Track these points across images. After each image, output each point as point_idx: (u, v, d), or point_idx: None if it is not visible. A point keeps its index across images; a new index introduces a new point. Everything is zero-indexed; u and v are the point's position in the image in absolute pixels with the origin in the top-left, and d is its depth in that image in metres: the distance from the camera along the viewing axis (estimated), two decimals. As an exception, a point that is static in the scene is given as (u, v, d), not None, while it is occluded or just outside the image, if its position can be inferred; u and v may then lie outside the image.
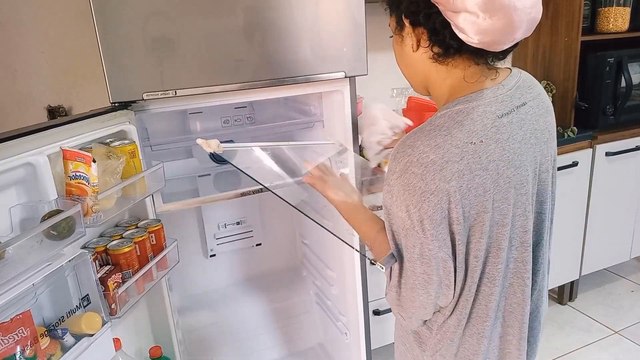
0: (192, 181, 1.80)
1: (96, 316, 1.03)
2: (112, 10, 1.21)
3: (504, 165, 0.81)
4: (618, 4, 2.28)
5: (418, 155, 0.77)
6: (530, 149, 0.86)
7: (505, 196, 0.82)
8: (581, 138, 2.26)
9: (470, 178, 0.77)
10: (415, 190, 0.77)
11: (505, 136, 0.81)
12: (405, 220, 0.80)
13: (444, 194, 0.76)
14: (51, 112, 1.86)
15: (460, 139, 0.78)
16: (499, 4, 0.73)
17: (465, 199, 0.78)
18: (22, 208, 0.99)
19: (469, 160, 0.77)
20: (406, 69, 0.92)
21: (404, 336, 1.00)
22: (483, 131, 0.79)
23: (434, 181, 0.76)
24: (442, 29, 0.79)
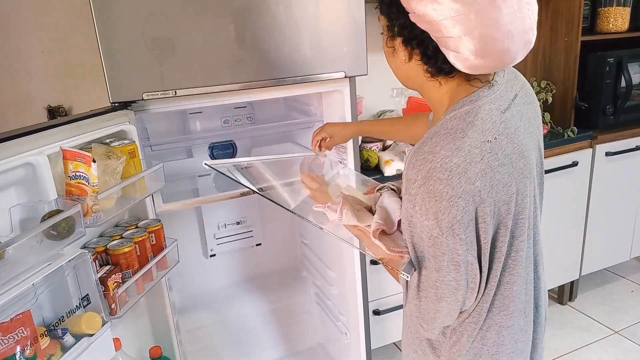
0: (192, 181, 1.80)
1: (96, 316, 1.03)
2: (112, 10, 1.21)
3: (517, 158, 0.82)
4: (618, 4, 2.28)
5: (441, 161, 0.76)
6: (531, 138, 0.87)
7: (522, 188, 0.83)
8: (581, 138, 2.26)
9: (492, 176, 0.78)
10: (442, 196, 0.76)
11: (512, 130, 0.82)
12: (433, 229, 0.78)
13: (470, 195, 0.76)
14: (51, 112, 1.86)
15: (477, 138, 0.78)
16: (491, 50, 0.75)
17: (490, 197, 0.78)
18: (22, 208, 0.99)
19: (489, 158, 0.78)
20: (397, 72, 0.92)
21: (416, 343, 0.98)
22: (494, 128, 0.80)
23: (460, 185, 0.76)
24: (435, 54, 0.80)
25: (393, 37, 0.86)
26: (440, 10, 0.74)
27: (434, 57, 0.81)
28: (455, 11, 0.73)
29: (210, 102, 1.40)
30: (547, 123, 2.32)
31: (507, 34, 0.75)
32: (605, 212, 2.44)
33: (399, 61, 0.87)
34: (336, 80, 1.50)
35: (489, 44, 0.75)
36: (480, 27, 0.73)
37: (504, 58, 0.78)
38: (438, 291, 0.82)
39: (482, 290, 0.86)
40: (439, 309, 0.84)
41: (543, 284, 0.99)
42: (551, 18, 2.35)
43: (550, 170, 2.17)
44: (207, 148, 1.85)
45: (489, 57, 0.76)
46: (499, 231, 0.83)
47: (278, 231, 2.17)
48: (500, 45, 0.75)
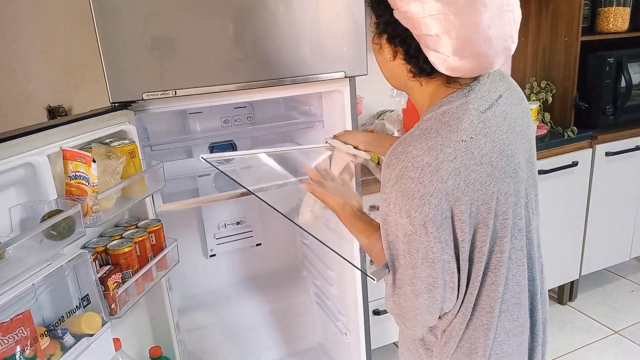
0: (192, 181, 1.80)
1: (96, 316, 1.03)
2: (112, 10, 1.21)
3: (497, 157, 0.82)
4: (618, 4, 2.28)
5: (412, 160, 0.78)
6: (518, 137, 0.87)
7: (503, 187, 0.83)
8: (581, 138, 2.26)
9: (466, 174, 0.78)
10: (414, 194, 0.77)
11: (492, 129, 0.82)
12: (407, 227, 0.79)
13: (443, 194, 0.77)
14: (51, 112, 1.86)
15: (451, 138, 0.79)
16: (469, 52, 0.76)
17: (466, 196, 0.78)
18: (22, 208, 0.99)
19: (463, 157, 0.78)
20: (383, 71, 0.94)
21: (409, 342, 0.99)
22: (471, 127, 0.80)
23: (431, 183, 0.76)
24: (417, 54, 0.82)
25: (380, 34, 0.87)
26: (422, 8, 0.75)
27: (416, 57, 0.82)
28: (436, 10, 0.74)
29: (210, 102, 1.40)
30: (547, 123, 2.32)
31: (486, 38, 0.75)
32: (605, 212, 2.44)
33: (385, 59, 0.89)
34: (336, 80, 1.50)
35: (467, 46, 0.76)
36: (459, 28, 0.74)
37: (482, 62, 0.78)
38: (415, 288, 0.83)
39: (464, 290, 0.86)
40: (417, 306, 0.85)
41: (540, 288, 0.98)
42: (551, 18, 2.35)
43: (550, 170, 2.17)
44: (207, 148, 1.85)
45: (467, 60, 0.77)
46: (478, 230, 0.82)
47: (278, 231, 2.17)
48: (478, 48, 0.76)
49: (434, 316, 0.88)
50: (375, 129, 2.09)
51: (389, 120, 2.07)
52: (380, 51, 0.89)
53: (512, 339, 0.93)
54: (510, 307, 0.91)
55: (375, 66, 0.97)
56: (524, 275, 0.91)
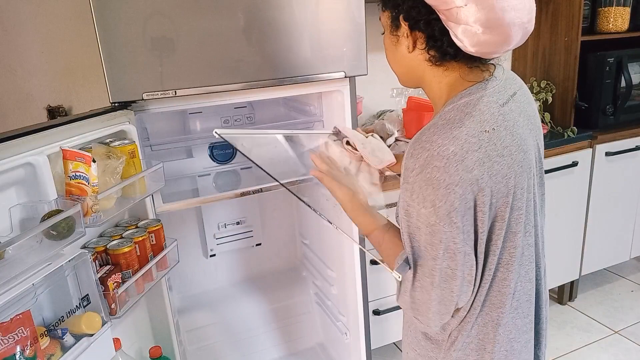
0: (192, 181, 1.80)
1: (96, 316, 1.03)
2: (112, 10, 1.21)
3: (516, 150, 0.82)
4: (618, 4, 2.28)
5: (438, 149, 0.77)
6: (530, 134, 0.88)
7: (520, 181, 0.83)
8: (581, 138, 2.26)
9: (489, 165, 0.78)
10: (439, 183, 0.76)
11: (511, 123, 0.83)
12: (431, 217, 0.78)
13: (468, 184, 0.77)
14: (51, 112, 1.86)
15: (475, 128, 0.79)
16: (499, 22, 0.76)
17: (488, 187, 0.79)
18: (22, 208, 0.99)
19: (487, 148, 0.78)
20: (398, 67, 0.94)
21: (415, 342, 0.99)
22: (492, 119, 0.81)
23: (457, 172, 0.76)
24: (441, 36, 0.81)
25: (397, 26, 0.87)
26: None
27: (440, 39, 0.82)
28: None
29: (210, 102, 1.40)
30: (547, 123, 2.32)
31: (512, 6, 0.76)
32: (605, 212, 2.44)
33: (402, 53, 0.89)
34: (336, 80, 1.50)
35: (493, 15, 0.75)
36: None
37: (509, 34, 0.78)
38: (434, 280, 0.82)
39: (477, 285, 0.86)
40: (432, 298, 0.83)
41: (544, 288, 0.99)
42: (551, 18, 2.35)
43: (550, 170, 2.17)
44: (207, 148, 1.85)
45: (496, 31, 0.77)
46: (495, 224, 0.82)
47: (278, 231, 2.17)
48: (506, 17, 0.76)
49: (449, 309, 0.86)
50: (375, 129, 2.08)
51: (389, 120, 2.07)
52: (397, 45, 0.89)
53: (521, 336, 0.93)
54: (522, 304, 0.91)
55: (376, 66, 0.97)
56: (533, 273, 0.92)
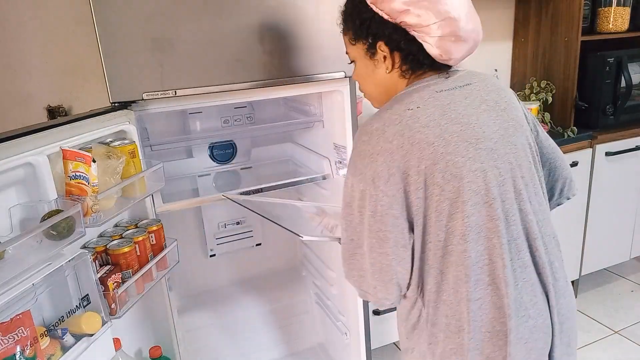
0: (192, 181, 1.80)
1: (96, 316, 1.03)
2: (112, 10, 1.21)
3: (447, 122, 0.88)
4: (618, 4, 2.28)
5: (365, 127, 0.91)
6: (484, 114, 0.92)
7: (456, 149, 0.87)
8: (581, 138, 2.26)
9: (410, 135, 0.86)
10: (365, 154, 0.88)
11: (445, 101, 0.90)
12: (360, 183, 0.89)
13: (388, 152, 0.86)
14: (51, 112, 1.86)
15: (399, 108, 0.89)
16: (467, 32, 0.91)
17: (410, 153, 0.86)
18: (22, 208, 0.99)
19: (407, 121, 0.87)
20: (376, 88, 1.03)
21: (404, 332, 1.01)
22: (420, 101, 0.90)
23: (378, 143, 0.87)
24: (418, 51, 0.93)
25: (374, 53, 0.97)
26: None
27: (417, 54, 0.93)
28: None
29: (210, 102, 1.40)
30: (547, 123, 2.32)
31: (470, 18, 0.92)
32: (605, 212, 2.44)
33: (381, 75, 0.99)
34: (336, 80, 1.50)
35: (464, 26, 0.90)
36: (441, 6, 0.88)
37: (476, 39, 0.93)
38: (369, 242, 0.90)
39: (429, 254, 0.90)
40: (368, 263, 0.91)
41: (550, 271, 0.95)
42: (551, 18, 2.35)
43: (550, 170, 2.17)
44: (207, 148, 1.85)
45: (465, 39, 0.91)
46: (429, 188, 0.87)
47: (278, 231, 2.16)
48: (468, 27, 0.91)
49: (390, 276, 0.91)
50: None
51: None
52: (375, 69, 0.99)
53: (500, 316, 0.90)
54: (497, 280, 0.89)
55: None
56: (501, 249, 0.89)
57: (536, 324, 0.91)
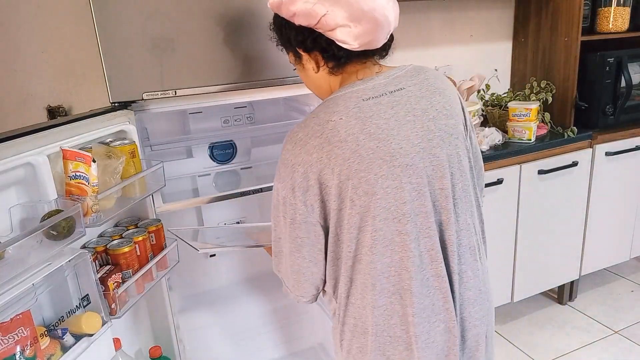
0: (192, 181, 1.80)
1: (96, 316, 1.03)
2: (112, 10, 1.21)
3: (365, 138, 0.89)
4: (618, 4, 2.28)
5: (291, 135, 0.93)
6: (407, 126, 0.92)
7: (370, 166, 0.89)
8: (581, 138, 2.26)
9: (329, 149, 0.88)
10: (287, 163, 0.92)
11: (368, 114, 0.90)
12: (282, 190, 0.94)
13: (308, 164, 0.89)
14: (51, 112, 1.86)
15: (323, 118, 0.91)
16: (362, 12, 0.90)
17: (327, 167, 0.89)
18: (22, 208, 0.99)
19: (328, 134, 0.89)
20: (315, 89, 1.06)
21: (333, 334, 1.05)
22: (344, 111, 0.90)
23: (300, 154, 0.90)
24: (329, 45, 0.94)
25: (299, 56, 1.01)
26: (306, 1, 0.90)
27: (330, 49, 0.94)
28: None
29: (210, 102, 1.40)
30: (547, 123, 2.32)
31: None
32: (605, 212, 2.44)
33: (312, 75, 1.02)
34: (336, 80, 1.50)
35: (355, 7, 0.89)
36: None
37: (376, 19, 0.91)
38: (291, 246, 0.96)
39: (341, 261, 0.94)
40: (291, 264, 0.98)
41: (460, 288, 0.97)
42: (551, 18, 2.35)
43: (550, 170, 2.17)
44: (207, 148, 1.85)
45: (364, 21, 0.90)
46: (344, 202, 0.90)
47: (278, 231, 2.17)
48: (364, 7, 0.89)
49: (306, 277, 0.99)
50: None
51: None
52: (306, 71, 1.03)
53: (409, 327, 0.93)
54: (403, 293, 0.92)
55: None
56: (409, 262, 0.91)
57: (447, 327, 0.95)
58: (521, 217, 2.18)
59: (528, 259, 2.26)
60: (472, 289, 0.99)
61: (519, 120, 2.17)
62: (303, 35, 0.96)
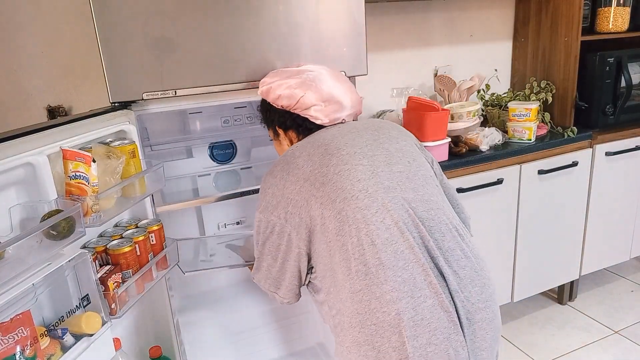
0: (192, 181, 1.80)
1: (96, 316, 1.03)
2: (112, 10, 1.21)
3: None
4: (618, 4, 2.28)
5: (267, 176, 1.13)
6: (352, 133, 1.11)
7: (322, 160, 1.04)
8: (581, 138, 2.26)
9: (282, 186, 1.08)
10: (262, 192, 1.14)
11: (316, 160, 1.05)
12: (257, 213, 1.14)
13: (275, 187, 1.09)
14: (51, 112, 1.86)
15: (289, 163, 1.09)
16: (331, 95, 1.18)
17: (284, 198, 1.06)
18: (22, 208, 0.99)
19: (283, 174, 1.09)
20: (282, 152, 1.27)
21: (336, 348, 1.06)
22: (300, 157, 1.08)
23: (270, 189, 1.11)
24: (303, 122, 1.19)
25: (277, 133, 1.26)
26: (288, 86, 1.19)
27: (304, 123, 1.19)
28: (295, 83, 1.19)
29: (210, 102, 1.40)
30: (547, 123, 2.32)
31: (333, 85, 1.20)
32: (605, 212, 2.44)
33: (284, 147, 1.26)
34: (336, 80, 1.50)
35: (325, 92, 1.18)
36: (313, 84, 1.18)
37: (341, 101, 1.19)
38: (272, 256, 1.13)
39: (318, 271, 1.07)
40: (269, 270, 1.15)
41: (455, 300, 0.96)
42: (551, 18, 2.35)
43: (550, 170, 2.17)
44: (207, 148, 1.85)
45: (332, 102, 1.18)
46: (316, 228, 1.03)
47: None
48: (333, 92, 1.19)
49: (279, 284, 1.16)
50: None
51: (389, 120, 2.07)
52: (280, 145, 1.28)
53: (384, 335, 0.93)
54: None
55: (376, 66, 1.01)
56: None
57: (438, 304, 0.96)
58: (521, 217, 2.18)
59: (528, 259, 2.26)
60: (465, 267, 0.99)
61: (519, 120, 2.17)
62: (284, 117, 1.21)
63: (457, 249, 1.00)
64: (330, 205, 0.98)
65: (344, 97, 1.19)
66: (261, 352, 2.06)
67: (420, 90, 2.36)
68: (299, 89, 1.17)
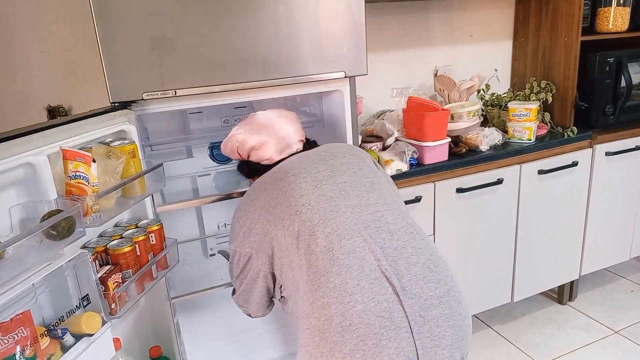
0: (192, 181, 1.80)
1: (96, 316, 1.03)
2: (112, 10, 1.21)
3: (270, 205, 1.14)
4: (618, 4, 2.28)
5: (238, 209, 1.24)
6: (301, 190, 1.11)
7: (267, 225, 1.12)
8: (581, 138, 2.26)
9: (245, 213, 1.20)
10: (233, 223, 1.25)
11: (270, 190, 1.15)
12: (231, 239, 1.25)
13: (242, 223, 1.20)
14: (51, 112, 1.86)
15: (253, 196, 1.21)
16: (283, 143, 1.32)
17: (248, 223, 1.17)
18: (22, 208, 0.99)
19: (247, 205, 1.20)
20: None
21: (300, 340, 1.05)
22: (258, 188, 1.20)
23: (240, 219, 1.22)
24: (256, 165, 1.34)
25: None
26: (250, 137, 1.31)
27: (259, 168, 1.33)
28: (246, 130, 1.32)
29: (210, 102, 1.40)
30: (547, 123, 2.32)
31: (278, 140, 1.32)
32: (605, 212, 2.44)
33: None
34: (336, 80, 1.50)
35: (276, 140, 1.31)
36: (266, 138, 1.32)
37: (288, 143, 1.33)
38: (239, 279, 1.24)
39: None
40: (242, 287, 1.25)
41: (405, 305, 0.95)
42: (551, 18, 2.35)
43: (550, 170, 2.17)
44: (207, 148, 1.85)
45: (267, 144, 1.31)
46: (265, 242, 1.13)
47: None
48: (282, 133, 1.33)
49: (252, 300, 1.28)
50: (375, 128, 2.09)
51: (389, 120, 2.07)
52: None
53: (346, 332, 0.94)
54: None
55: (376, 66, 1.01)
56: None
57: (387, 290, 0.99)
58: (521, 217, 2.18)
59: (528, 259, 2.26)
60: (417, 264, 0.99)
61: (519, 120, 2.17)
62: (244, 166, 1.39)
63: (408, 246, 1.01)
64: (280, 224, 1.06)
65: (288, 135, 1.34)
66: (261, 352, 2.06)
67: (420, 90, 2.36)
68: (261, 136, 1.33)
